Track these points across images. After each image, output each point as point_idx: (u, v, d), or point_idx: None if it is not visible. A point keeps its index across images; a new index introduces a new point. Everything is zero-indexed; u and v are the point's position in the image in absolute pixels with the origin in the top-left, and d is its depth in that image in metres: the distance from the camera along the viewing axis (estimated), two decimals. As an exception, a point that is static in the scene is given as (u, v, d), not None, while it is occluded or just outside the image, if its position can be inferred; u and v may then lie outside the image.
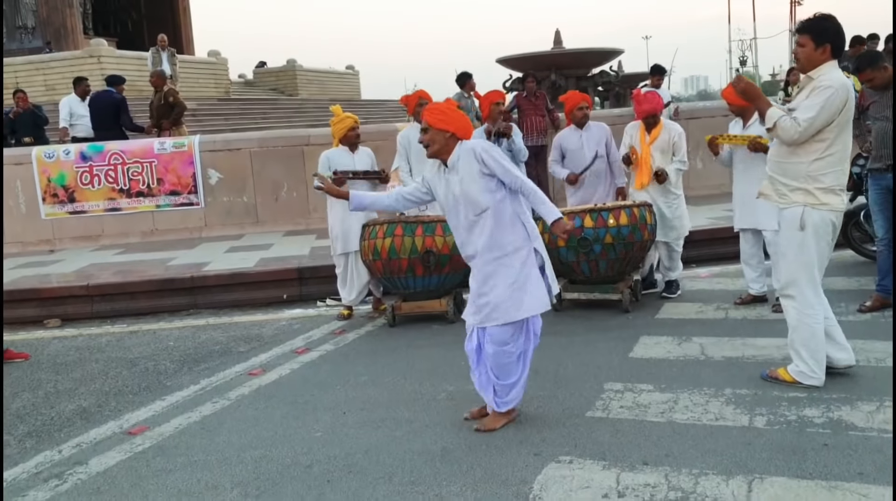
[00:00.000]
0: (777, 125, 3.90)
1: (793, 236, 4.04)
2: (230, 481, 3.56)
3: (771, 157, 4.15)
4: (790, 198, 4.04)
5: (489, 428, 3.87)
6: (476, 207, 3.77)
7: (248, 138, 10.56)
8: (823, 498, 2.97)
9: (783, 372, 4.18)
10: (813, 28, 3.93)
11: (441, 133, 3.80)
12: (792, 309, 4.12)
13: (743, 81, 4.05)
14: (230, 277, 7.42)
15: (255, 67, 31.60)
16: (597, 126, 6.55)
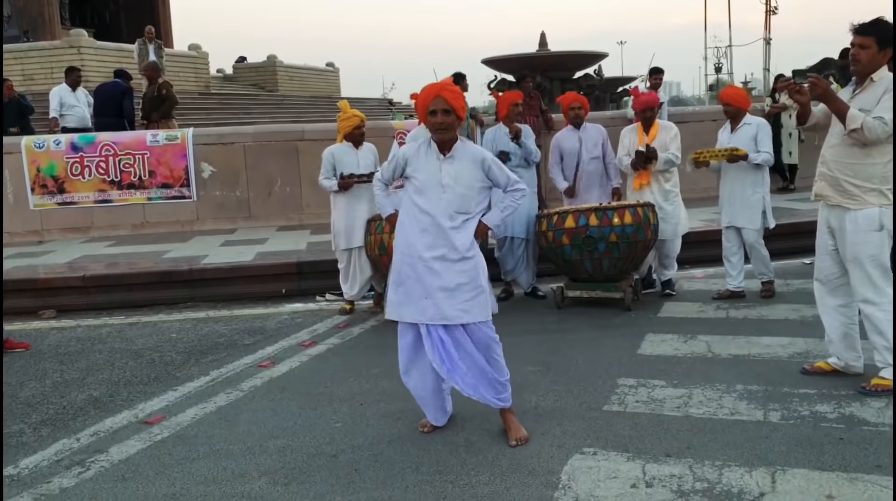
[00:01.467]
0: (864, 126, 3.85)
1: (870, 238, 3.99)
2: (256, 469, 3.58)
3: (834, 158, 4.10)
4: (864, 199, 3.99)
5: (525, 437, 3.71)
6: (463, 207, 3.70)
7: (241, 132, 10.52)
8: (847, 489, 3.07)
9: (886, 381, 4.04)
10: (879, 30, 3.93)
11: (459, 120, 3.72)
12: (878, 313, 4.04)
13: (822, 84, 3.98)
14: (229, 270, 7.40)
15: (235, 62, 31.37)
16: (594, 127, 6.66)
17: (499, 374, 3.79)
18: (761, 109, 11.10)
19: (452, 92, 3.69)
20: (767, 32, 33.84)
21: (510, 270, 6.66)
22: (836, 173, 4.08)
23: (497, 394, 3.78)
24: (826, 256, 4.28)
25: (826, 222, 4.23)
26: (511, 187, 3.83)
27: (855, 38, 3.99)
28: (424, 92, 3.73)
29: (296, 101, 27.25)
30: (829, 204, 4.17)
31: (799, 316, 5.61)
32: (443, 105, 3.65)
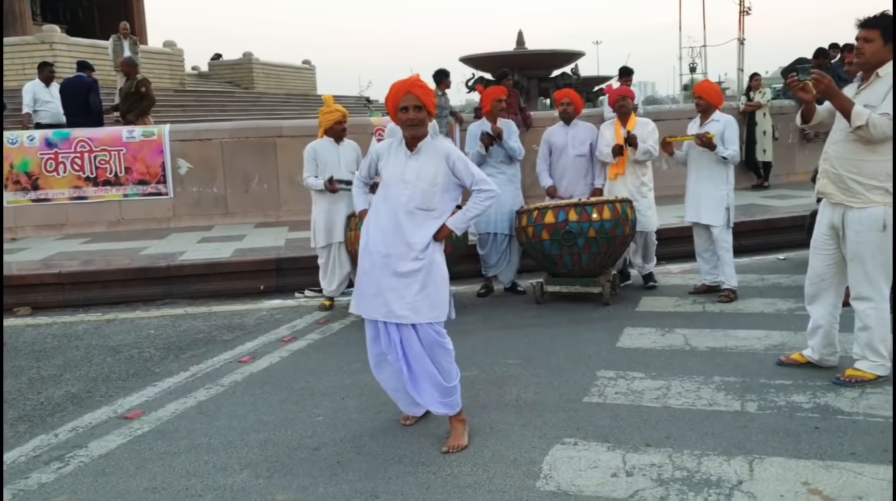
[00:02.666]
0: (869, 123, 3.79)
1: (873, 238, 3.95)
2: (238, 463, 3.57)
3: (838, 155, 4.03)
4: (868, 197, 3.93)
5: (461, 446, 3.60)
6: (424, 203, 3.64)
7: (219, 129, 10.44)
8: (822, 476, 3.13)
9: (860, 372, 4.13)
10: (883, 23, 3.89)
11: (430, 116, 3.69)
12: (870, 311, 4.07)
13: (825, 80, 3.87)
14: (207, 266, 7.35)
15: (211, 59, 31.13)
16: (585, 125, 6.69)
17: (445, 379, 3.68)
18: (736, 107, 11.25)
19: (423, 88, 3.65)
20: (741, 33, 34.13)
21: (493, 265, 6.68)
22: (840, 171, 4.03)
23: (441, 399, 3.69)
24: (821, 255, 4.26)
25: (829, 221, 4.16)
26: (477, 187, 3.69)
27: (860, 31, 3.94)
28: (394, 88, 3.67)
29: (272, 98, 27.13)
30: (832, 202, 4.12)
31: (774, 310, 5.70)
32: (414, 101, 3.60)
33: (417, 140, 3.69)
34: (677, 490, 3.08)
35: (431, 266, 3.65)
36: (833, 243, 4.18)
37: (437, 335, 3.66)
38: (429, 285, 3.63)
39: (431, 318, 3.64)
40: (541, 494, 3.13)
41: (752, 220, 8.40)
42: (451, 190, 3.73)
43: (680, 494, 3.05)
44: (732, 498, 2.99)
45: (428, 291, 3.63)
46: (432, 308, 3.64)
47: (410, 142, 3.70)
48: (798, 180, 10.93)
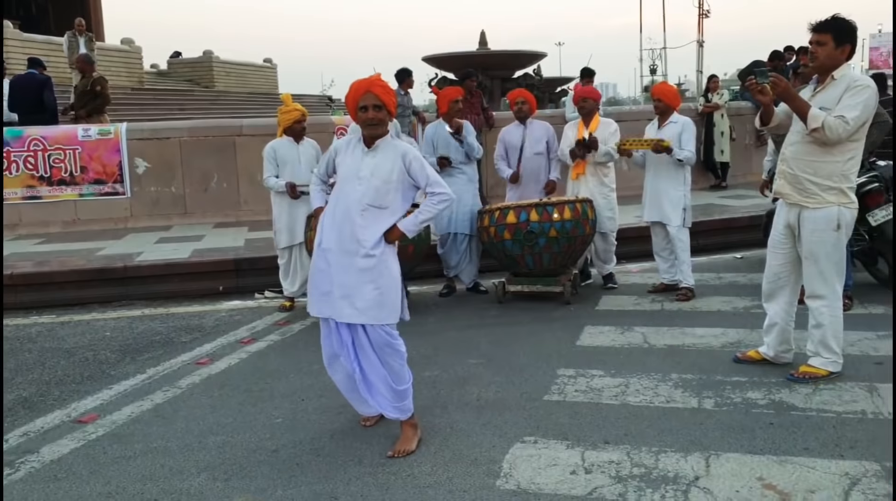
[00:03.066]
0: (825, 125, 3.85)
1: (827, 237, 4.04)
2: (195, 466, 3.52)
3: (795, 156, 4.10)
4: (823, 198, 4.01)
5: (407, 451, 3.56)
6: (377, 201, 3.60)
7: (177, 127, 10.28)
8: (776, 471, 3.19)
9: (813, 369, 4.20)
10: (835, 27, 3.96)
11: (389, 116, 3.67)
12: (824, 309, 4.15)
13: (782, 83, 3.95)
14: (165, 267, 7.24)
15: (170, 58, 30.70)
16: (540, 124, 6.73)
17: (395, 382, 3.65)
18: (695, 108, 11.41)
19: (383, 87, 3.62)
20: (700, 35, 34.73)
21: (454, 266, 6.68)
22: (796, 171, 4.10)
23: (392, 403, 3.67)
24: (778, 254, 4.33)
25: (785, 221, 4.24)
26: (431, 190, 3.67)
27: (812, 35, 4.02)
28: (354, 87, 3.63)
29: (233, 97, 26.85)
30: (788, 202, 4.20)
31: (731, 308, 5.79)
32: (374, 101, 3.57)
33: (376, 138, 3.66)
34: (635, 486, 3.11)
35: (382, 266, 3.61)
36: (789, 242, 4.26)
37: (388, 336, 3.62)
38: (380, 286, 3.59)
39: (381, 319, 3.60)
40: (501, 493, 3.13)
41: (710, 219, 8.52)
42: (406, 190, 3.71)
43: (637, 491, 3.08)
44: (689, 494, 3.03)
45: (378, 291, 3.58)
46: (381, 309, 3.59)
47: (368, 140, 3.68)
48: (755, 181, 11.08)
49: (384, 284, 3.60)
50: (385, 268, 3.62)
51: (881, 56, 53.10)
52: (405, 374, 3.68)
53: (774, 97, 4.10)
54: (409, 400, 3.68)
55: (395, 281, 3.67)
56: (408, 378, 3.69)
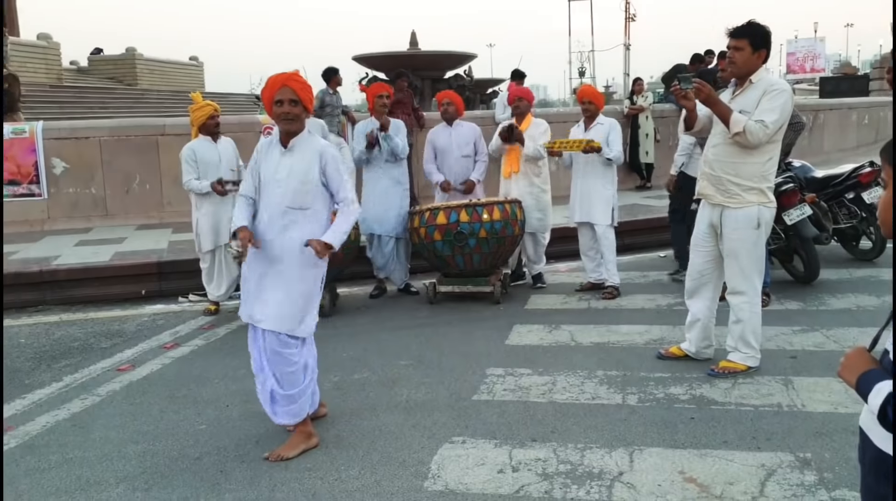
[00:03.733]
0: (746, 130, 3.96)
1: (748, 235, 4.16)
2: (114, 477, 3.40)
3: (717, 158, 4.20)
4: (744, 198, 4.13)
5: (283, 456, 3.50)
6: (297, 202, 3.56)
7: (97, 127, 9.93)
8: (696, 464, 3.27)
9: (733, 364, 4.32)
10: (751, 33, 4.08)
11: (306, 112, 3.62)
12: (744, 305, 4.28)
13: (705, 89, 4.05)
14: (83, 271, 6.99)
15: (91, 54, 29.75)
16: (468, 126, 6.75)
17: (282, 386, 3.58)
18: (620, 111, 11.64)
19: (299, 82, 3.58)
20: (627, 38, 35.50)
21: (381, 267, 6.64)
22: (718, 173, 4.21)
23: (279, 407, 3.61)
24: (701, 252, 4.45)
25: (708, 220, 4.35)
26: (342, 202, 3.63)
27: (730, 40, 4.14)
28: (270, 81, 3.58)
29: (157, 95, 26.18)
30: (711, 203, 4.31)
31: (654, 305, 5.92)
32: (290, 95, 3.52)
33: (291, 136, 3.60)
34: (561, 483, 3.15)
35: (297, 275, 3.57)
36: (712, 240, 4.38)
37: (280, 345, 3.56)
38: (290, 293, 3.55)
39: (275, 326, 3.54)
40: (429, 494, 3.13)
41: (635, 219, 8.71)
42: (325, 190, 3.65)
43: (563, 487, 3.11)
44: (613, 489, 3.08)
45: (289, 299, 3.55)
46: (280, 318, 3.55)
47: (284, 138, 3.62)
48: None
49: (293, 294, 3.56)
50: (299, 279, 3.57)
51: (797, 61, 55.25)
52: (297, 379, 3.60)
53: (698, 102, 4.22)
54: (298, 406, 3.60)
55: (304, 296, 3.59)
56: (300, 384, 3.61)
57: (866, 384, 1.53)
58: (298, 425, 3.64)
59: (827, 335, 4.94)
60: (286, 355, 3.57)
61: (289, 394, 3.59)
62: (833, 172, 7.04)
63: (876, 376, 1.52)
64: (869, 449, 1.58)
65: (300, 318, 3.59)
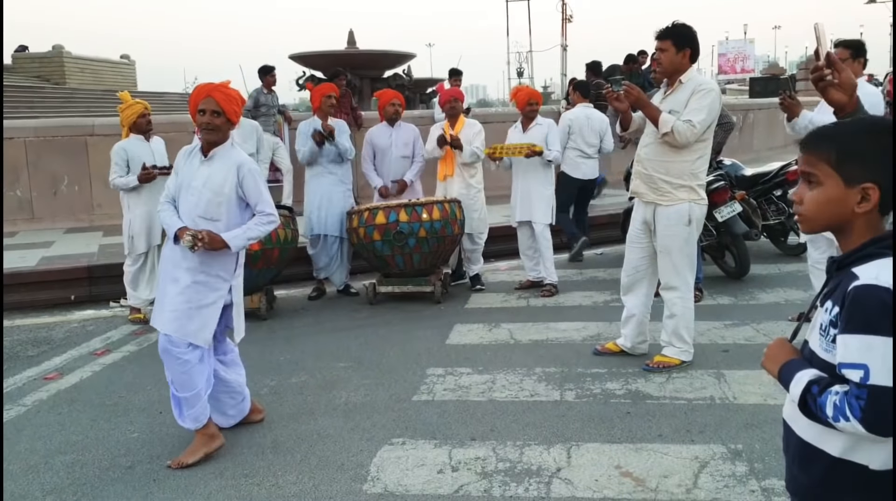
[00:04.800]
0: (674, 130, 4.07)
1: (680, 232, 4.26)
2: (40, 489, 3.29)
3: (648, 156, 4.30)
4: (675, 195, 4.23)
5: (181, 463, 3.46)
6: (209, 213, 3.54)
7: (21, 127, 9.57)
8: (632, 458, 3.32)
9: (667, 358, 4.40)
10: (673, 34, 4.18)
11: (229, 124, 3.58)
12: (677, 300, 4.37)
13: (634, 91, 4.17)
14: (9, 277, 6.69)
15: (15, 52, 28.68)
16: (408, 126, 6.72)
17: (175, 388, 3.56)
18: (557, 111, 11.77)
19: (225, 94, 3.55)
20: (564, 39, 35.85)
21: (323, 267, 6.57)
22: (650, 171, 4.31)
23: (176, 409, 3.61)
24: (636, 249, 4.53)
25: (642, 218, 4.44)
26: (260, 210, 3.61)
27: (656, 42, 4.24)
28: (196, 90, 3.59)
29: (87, 95, 25.39)
30: (644, 201, 4.40)
31: (591, 302, 6.00)
32: (212, 106, 3.51)
33: (212, 146, 3.59)
34: (500, 481, 3.16)
35: (200, 287, 3.54)
36: (646, 237, 4.46)
37: (169, 344, 3.51)
38: (188, 301, 3.51)
39: (168, 329, 3.51)
40: (368, 497, 3.10)
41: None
42: (239, 203, 3.61)
43: (502, 486, 3.13)
44: (551, 486, 3.11)
45: (184, 305, 3.51)
46: (172, 321, 3.51)
47: (205, 147, 3.60)
48: (614, 180, 11.58)
49: (191, 304, 3.51)
50: (202, 291, 3.54)
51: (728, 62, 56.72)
52: (188, 382, 3.53)
53: (630, 104, 4.30)
54: (197, 410, 3.54)
55: (202, 308, 3.54)
56: (191, 389, 3.53)
57: (788, 374, 1.57)
58: (199, 429, 3.56)
59: (757, 329, 5.08)
60: (175, 353, 3.50)
61: (180, 397, 3.54)
62: (762, 170, 7.25)
63: (796, 365, 1.57)
64: (792, 439, 1.62)
65: (195, 324, 3.52)
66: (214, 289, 3.57)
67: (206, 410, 3.59)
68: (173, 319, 3.50)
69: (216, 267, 3.55)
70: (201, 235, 3.44)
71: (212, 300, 3.57)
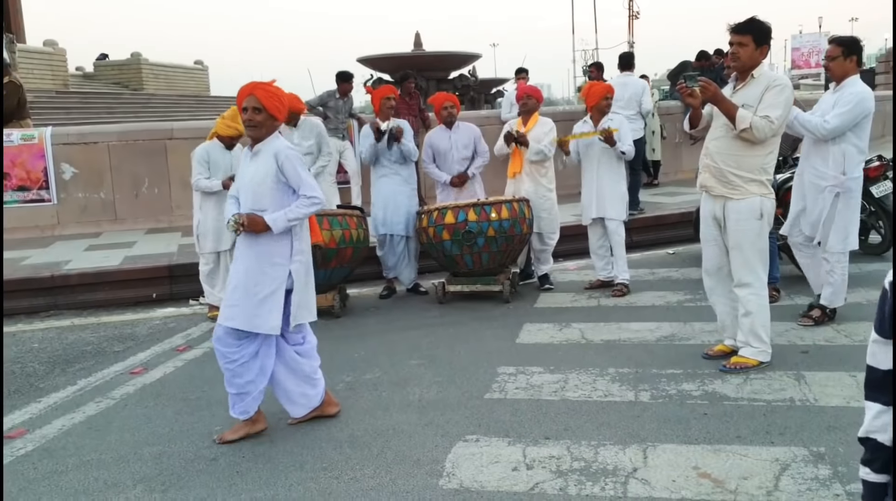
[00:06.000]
0: (753, 125, 4.05)
1: (751, 226, 4.22)
2: (131, 478, 3.43)
3: (719, 150, 4.25)
4: (746, 189, 4.20)
5: (223, 439, 3.75)
6: (257, 205, 3.71)
7: (105, 132, 9.98)
8: (711, 460, 3.28)
9: (744, 359, 4.33)
10: (754, 29, 4.15)
11: (272, 119, 3.72)
12: (751, 296, 4.31)
13: (712, 87, 4.15)
14: (95, 275, 7.03)
15: (96, 60, 29.88)
16: (467, 127, 6.74)
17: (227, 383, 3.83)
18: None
19: (266, 91, 3.70)
20: (631, 36, 35.44)
21: (391, 267, 6.67)
22: (720, 165, 4.26)
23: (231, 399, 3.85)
24: (712, 245, 4.47)
25: (711, 213, 4.39)
26: (302, 193, 3.72)
27: (733, 36, 4.19)
28: (241, 90, 3.76)
29: (162, 100, 26.29)
30: (712, 194, 4.36)
31: (664, 302, 5.92)
32: (254, 103, 3.66)
33: (257, 142, 3.79)
34: (576, 480, 3.16)
35: (259, 276, 3.71)
36: (718, 232, 4.41)
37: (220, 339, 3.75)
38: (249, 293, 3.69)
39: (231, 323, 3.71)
40: (444, 492, 3.14)
41: (643, 216, 8.71)
42: (284, 191, 3.76)
43: (578, 484, 3.12)
44: (628, 486, 3.09)
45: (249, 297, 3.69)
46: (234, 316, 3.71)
47: (252, 144, 3.82)
48: (685, 178, 11.39)
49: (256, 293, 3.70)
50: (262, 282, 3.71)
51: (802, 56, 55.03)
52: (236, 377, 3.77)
53: (704, 100, 4.24)
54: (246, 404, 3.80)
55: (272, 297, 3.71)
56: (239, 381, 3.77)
57: None
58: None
59: (838, 330, 4.94)
60: (224, 352, 3.75)
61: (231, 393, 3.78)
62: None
63: None
64: None
65: (259, 314, 3.70)
66: (273, 278, 3.72)
67: (256, 403, 3.81)
68: (234, 314, 3.70)
69: (271, 254, 3.73)
70: (241, 219, 3.65)
71: (271, 289, 3.71)
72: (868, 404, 1.59)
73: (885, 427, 1.55)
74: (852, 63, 4.85)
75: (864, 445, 1.60)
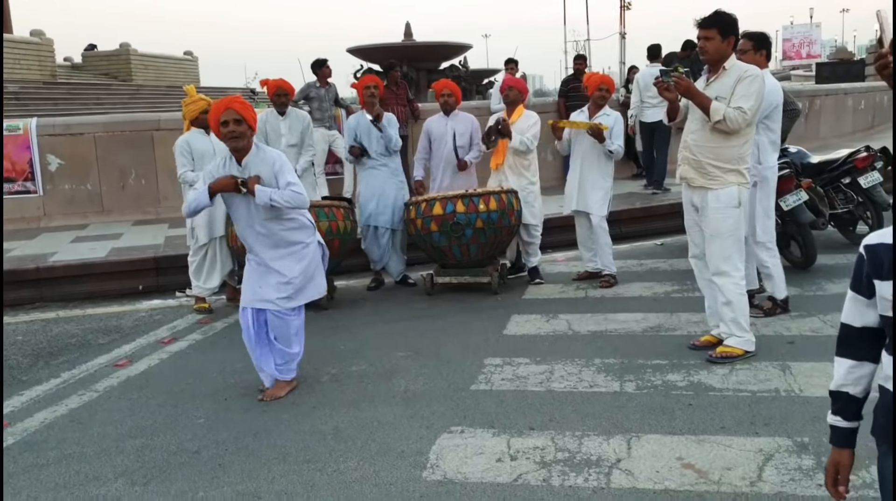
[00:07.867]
0: (726, 117, 4.11)
1: (729, 215, 4.27)
2: (112, 471, 3.41)
3: (697, 143, 4.32)
4: (725, 179, 4.25)
5: (275, 396, 4.16)
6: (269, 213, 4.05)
7: (91, 123, 9.90)
8: (695, 451, 3.27)
9: (730, 348, 4.34)
10: (719, 22, 4.21)
11: (251, 129, 4.01)
12: (730, 285, 4.33)
13: (684, 82, 4.23)
14: (80, 267, 6.97)
15: (84, 50, 29.66)
16: (465, 116, 6.71)
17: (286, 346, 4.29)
18: (616, 99, 11.60)
19: (241, 104, 4.00)
20: (622, 27, 35.33)
21: (377, 260, 6.63)
22: (698, 157, 4.32)
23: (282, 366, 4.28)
24: (696, 232, 4.53)
25: (690, 201, 4.47)
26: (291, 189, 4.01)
27: (700, 31, 4.27)
28: (215, 107, 4.04)
29: (152, 91, 26.11)
30: (692, 186, 4.40)
31: (651, 293, 5.91)
32: (233, 116, 3.92)
33: (242, 153, 4.00)
34: (559, 471, 3.15)
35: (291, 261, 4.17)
36: (698, 219, 4.46)
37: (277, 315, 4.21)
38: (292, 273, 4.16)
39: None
40: (427, 484, 3.13)
41: (632, 208, 8.69)
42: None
43: (561, 475, 3.12)
44: (611, 476, 3.09)
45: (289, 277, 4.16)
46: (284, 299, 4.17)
47: (236, 156, 4.01)
48: (674, 169, 11.39)
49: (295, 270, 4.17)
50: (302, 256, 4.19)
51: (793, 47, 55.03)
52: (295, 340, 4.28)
53: (679, 95, 4.34)
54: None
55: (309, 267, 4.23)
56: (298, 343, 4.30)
57: None
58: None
59: (824, 320, 4.95)
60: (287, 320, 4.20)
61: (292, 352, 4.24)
62: (829, 158, 7.03)
63: None
64: None
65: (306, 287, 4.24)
66: (301, 258, 4.16)
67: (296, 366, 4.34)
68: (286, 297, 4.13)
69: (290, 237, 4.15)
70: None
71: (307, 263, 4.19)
72: (839, 360, 1.84)
73: (857, 381, 1.82)
74: (762, 57, 4.97)
75: (836, 397, 1.87)
